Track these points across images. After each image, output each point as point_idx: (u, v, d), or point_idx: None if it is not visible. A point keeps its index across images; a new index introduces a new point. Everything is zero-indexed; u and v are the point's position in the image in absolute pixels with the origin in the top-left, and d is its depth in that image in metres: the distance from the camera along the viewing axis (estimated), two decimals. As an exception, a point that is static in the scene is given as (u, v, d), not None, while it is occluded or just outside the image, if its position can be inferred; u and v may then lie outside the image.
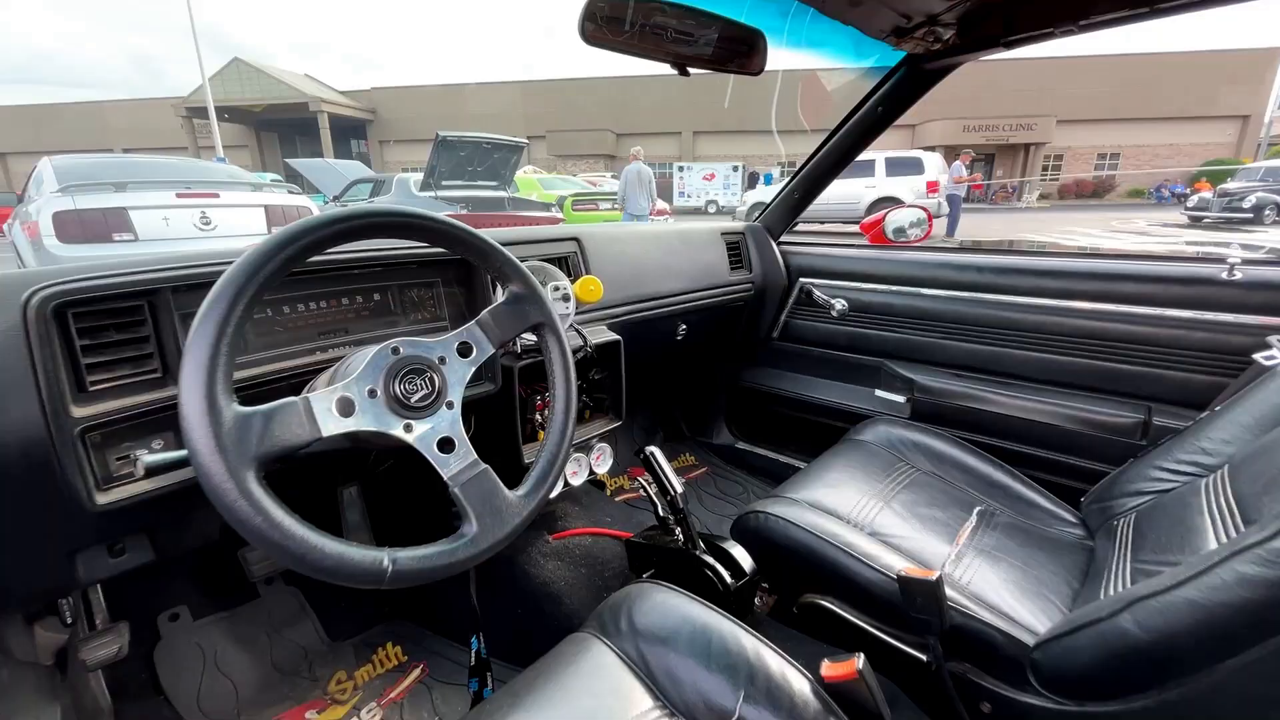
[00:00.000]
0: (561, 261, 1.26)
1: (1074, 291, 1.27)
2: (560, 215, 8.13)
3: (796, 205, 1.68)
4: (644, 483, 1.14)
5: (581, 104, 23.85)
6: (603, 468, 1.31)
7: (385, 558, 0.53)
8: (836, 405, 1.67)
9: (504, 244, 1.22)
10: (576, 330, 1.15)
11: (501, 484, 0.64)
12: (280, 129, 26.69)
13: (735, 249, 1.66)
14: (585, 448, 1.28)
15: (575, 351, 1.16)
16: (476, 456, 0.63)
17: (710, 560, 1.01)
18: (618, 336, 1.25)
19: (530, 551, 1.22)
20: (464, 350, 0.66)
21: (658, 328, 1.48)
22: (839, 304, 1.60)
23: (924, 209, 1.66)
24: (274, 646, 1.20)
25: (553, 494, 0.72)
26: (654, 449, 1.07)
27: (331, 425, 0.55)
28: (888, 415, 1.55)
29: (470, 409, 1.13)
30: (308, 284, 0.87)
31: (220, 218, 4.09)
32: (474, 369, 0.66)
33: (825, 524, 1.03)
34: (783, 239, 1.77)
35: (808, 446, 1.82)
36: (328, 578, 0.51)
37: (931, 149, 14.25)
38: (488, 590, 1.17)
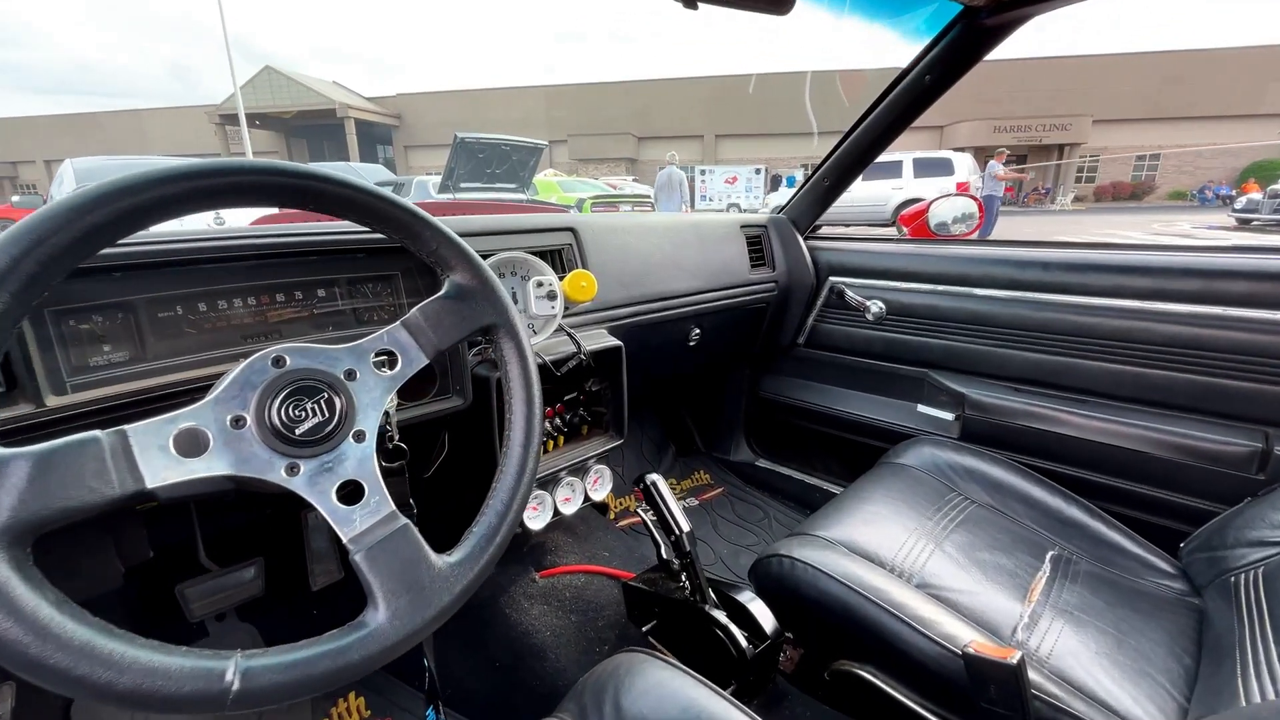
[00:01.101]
0: (554, 255, 1.09)
1: (1168, 292, 1.05)
2: (578, 217, 7.97)
3: (826, 195, 1.48)
4: (644, 516, 0.96)
5: (604, 108, 23.85)
6: (600, 493, 1.13)
7: (230, 668, 0.36)
8: (872, 422, 1.47)
9: (489, 233, 1.07)
10: (568, 334, 0.98)
11: (426, 546, 0.47)
12: (309, 135, 27.23)
13: (757, 244, 1.48)
14: (581, 470, 1.11)
15: (567, 360, 0.99)
16: (394, 508, 0.46)
17: (723, 619, 0.82)
18: (618, 342, 1.08)
19: (513, 592, 1.04)
20: (385, 361, 0.49)
21: (666, 332, 1.30)
22: (875, 306, 1.40)
23: (974, 198, 1.45)
24: (221, 694, 1.04)
25: (486, 563, 0.50)
26: (655, 478, 0.89)
27: (165, 472, 0.38)
28: (933, 435, 1.34)
29: (441, 426, 0.97)
30: (231, 274, 0.71)
31: (235, 218, 4.05)
32: (400, 385, 0.49)
33: (865, 575, 0.84)
34: (810, 233, 1.58)
35: (838, 467, 1.61)
36: (129, 707, 0.34)
37: (960, 150, 13.82)
38: (457, 640, 1.00)
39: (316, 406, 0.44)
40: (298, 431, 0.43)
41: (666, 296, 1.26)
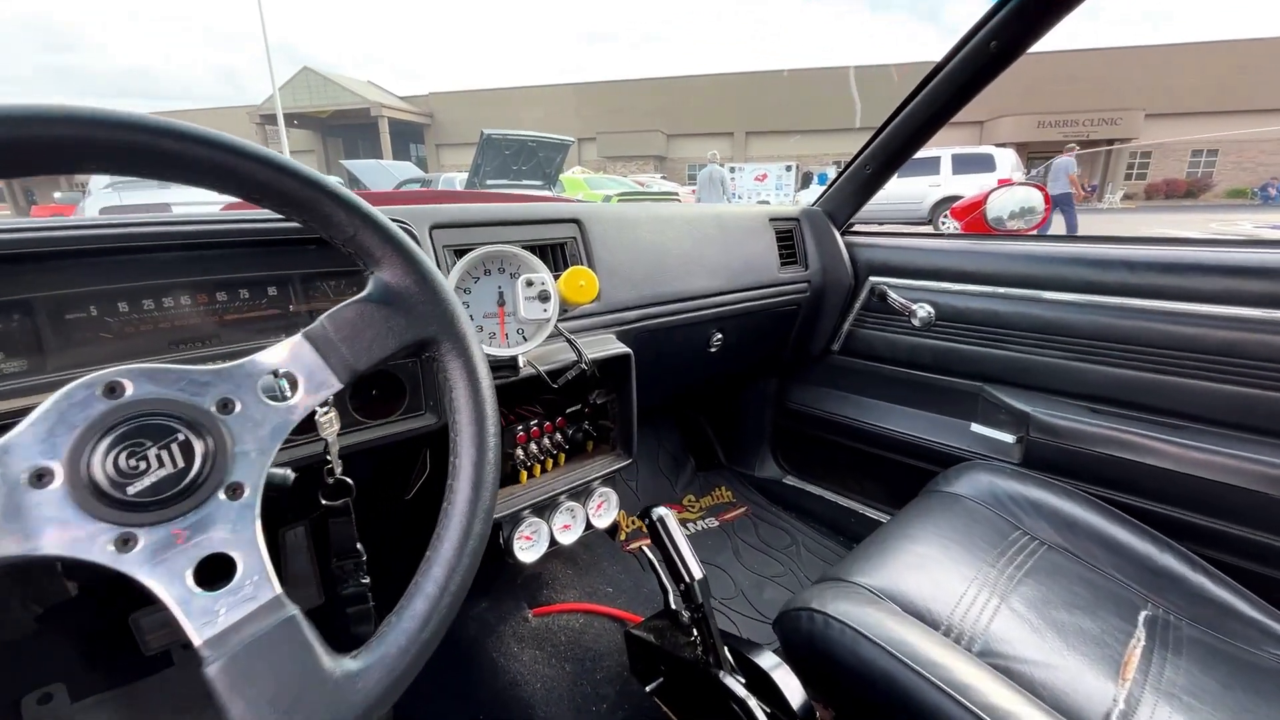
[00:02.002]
0: (555, 250, 0.96)
1: None
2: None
3: (867, 185, 1.32)
4: (651, 555, 0.82)
5: (633, 105, 23.75)
6: (605, 519, 1.00)
7: None
8: (916, 441, 1.30)
9: (480, 223, 0.94)
10: (567, 340, 0.85)
11: (320, 647, 0.34)
12: (345, 134, 27.80)
13: (787, 239, 1.32)
14: (583, 493, 0.98)
15: (566, 370, 0.86)
16: (278, 592, 0.33)
17: (740, 690, 0.68)
18: (627, 349, 0.94)
19: (502, 632, 0.92)
20: (277, 388, 0.36)
21: (684, 337, 1.16)
22: (922, 310, 1.23)
23: (1040, 187, 1.27)
24: (183, 732, 0.94)
25: (406, 671, 0.37)
26: (664, 513, 0.75)
27: None
28: (988, 459, 1.17)
29: (421, 444, 0.85)
30: (158, 268, 0.60)
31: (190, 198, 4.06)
32: (300, 419, 0.36)
33: (917, 642, 0.68)
34: (848, 228, 1.41)
35: (876, 489, 1.45)
36: None
37: (1003, 146, 13.26)
38: (433, 684, 0.87)
39: (165, 454, 0.31)
40: (131, 490, 0.31)
41: (684, 297, 1.12)
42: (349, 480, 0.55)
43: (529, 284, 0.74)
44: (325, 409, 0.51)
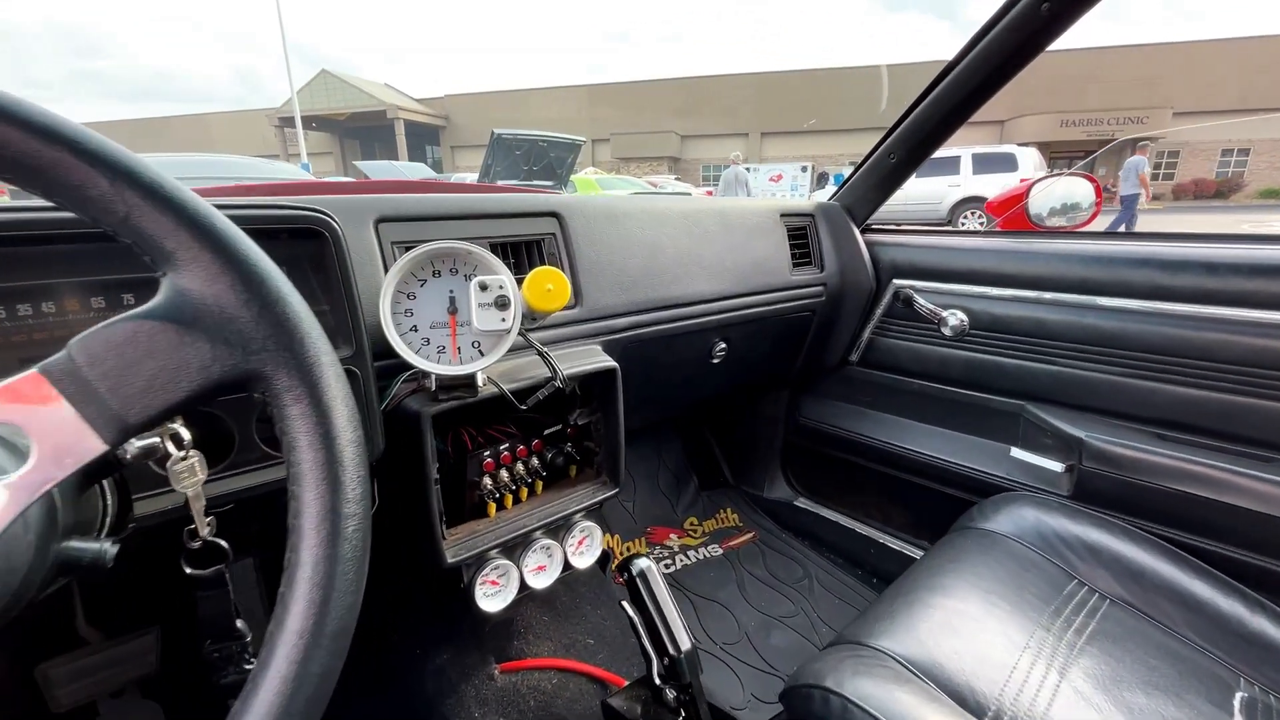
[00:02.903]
0: (529, 248, 0.83)
1: None
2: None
3: (892, 176, 1.17)
4: (631, 614, 0.68)
5: (647, 106, 23.66)
6: (586, 559, 0.87)
7: None
8: (946, 465, 1.15)
9: (440, 217, 0.81)
10: (539, 353, 0.72)
11: None
12: (361, 136, 28.05)
13: (801, 237, 1.18)
14: (562, 527, 0.84)
15: (536, 388, 0.73)
16: None
17: (735, 800, 0.54)
18: (613, 363, 0.81)
19: (463, 692, 0.79)
20: None
21: (682, 347, 1.03)
22: (954, 317, 1.09)
23: (1089, 178, 1.11)
24: (101, 800, 0.82)
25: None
26: (645, 566, 0.62)
27: None
28: (1033, 490, 1.02)
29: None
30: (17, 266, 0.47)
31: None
32: (27, 505, 0.23)
33: None
34: (870, 225, 1.27)
35: (900, 517, 1.30)
36: None
37: (1025, 146, 12.93)
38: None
39: None
40: None
41: (682, 302, 0.98)
42: (222, 543, 0.42)
43: (483, 288, 0.61)
44: (182, 454, 0.38)
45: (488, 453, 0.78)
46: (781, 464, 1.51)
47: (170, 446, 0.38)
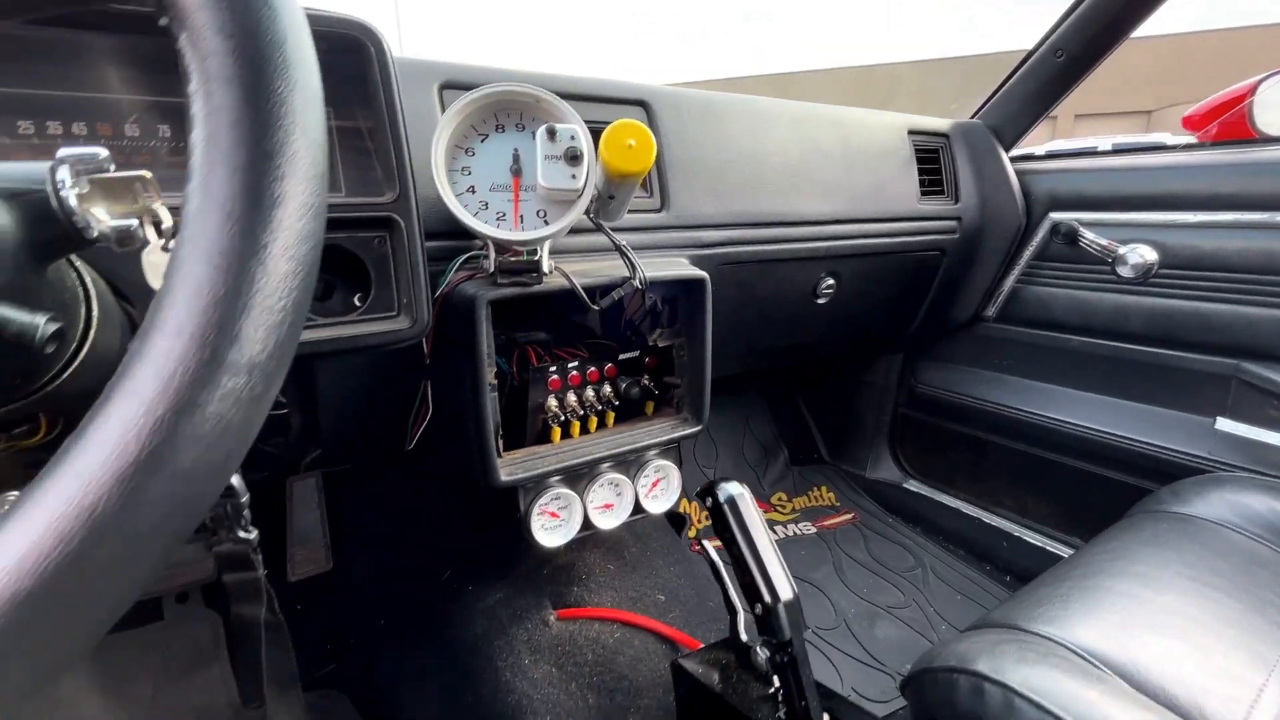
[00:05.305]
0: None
1: None
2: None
3: (1060, 79, 0.95)
4: (713, 554, 0.55)
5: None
6: (660, 504, 0.74)
7: None
8: (1117, 442, 0.92)
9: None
10: (616, 246, 0.61)
11: None
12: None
13: (932, 160, 0.99)
14: (635, 464, 0.73)
15: (613, 287, 0.62)
16: None
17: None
18: (702, 273, 0.69)
19: (514, 635, 0.69)
20: None
21: (784, 277, 0.88)
22: (1135, 254, 0.86)
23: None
24: (158, 700, 0.81)
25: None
26: (735, 491, 0.49)
27: None
28: (1247, 471, 0.78)
29: (405, 366, 0.65)
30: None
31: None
32: None
33: None
34: (1020, 149, 1.05)
35: (1046, 509, 1.07)
36: None
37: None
38: (434, 687, 0.66)
39: None
40: None
41: (785, 220, 0.84)
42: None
43: (551, 135, 0.50)
44: (162, 243, 0.30)
45: (554, 369, 0.68)
46: (890, 440, 1.31)
47: (149, 233, 0.30)
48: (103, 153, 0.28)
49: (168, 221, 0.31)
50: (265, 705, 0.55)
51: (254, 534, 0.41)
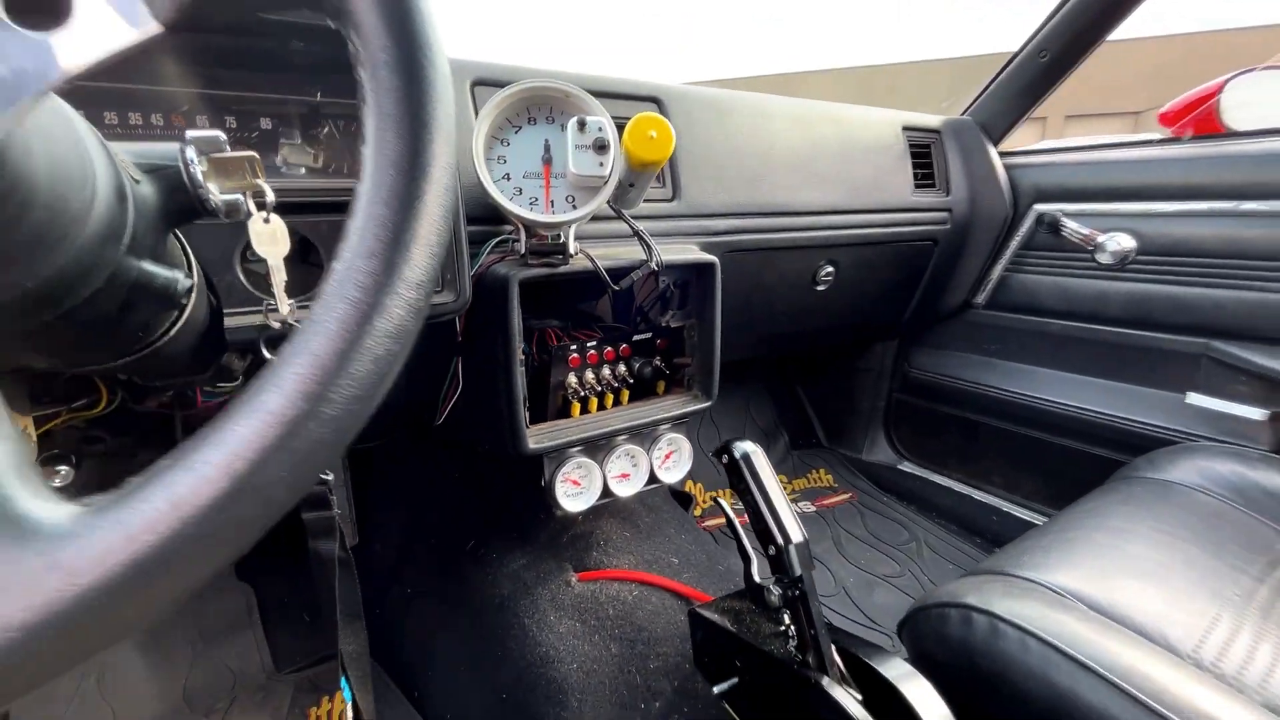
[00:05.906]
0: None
1: None
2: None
3: (1043, 78, 1.01)
4: (727, 509, 0.61)
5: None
6: (673, 474, 0.80)
7: None
8: (1096, 418, 0.98)
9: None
10: (634, 231, 0.66)
11: (34, 475, 0.16)
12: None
13: (924, 155, 1.05)
14: (649, 437, 0.78)
15: (631, 269, 0.67)
16: None
17: (853, 707, 0.45)
18: (712, 258, 0.74)
19: (538, 595, 0.74)
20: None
21: (786, 264, 0.94)
22: (1114, 241, 0.92)
23: (1307, 73, 0.91)
24: (195, 665, 0.86)
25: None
26: (749, 449, 0.54)
27: None
28: (1215, 441, 0.84)
29: (441, 344, 0.69)
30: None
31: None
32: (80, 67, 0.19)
33: (1150, 669, 0.42)
34: (1007, 143, 1.11)
35: (1031, 484, 1.13)
36: None
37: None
38: (466, 648, 0.71)
39: None
40: None
41: (788, 210, 0.89)
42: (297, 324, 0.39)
43: (581, 127, 0.55)
44: (264, 215, 0.36)
45: (574, 347, 0.73)
46: (885, 423, 1.37)
47: (251, 205, 0.35)
48: (221, 136, 0.33)
49: (270, 196, 0.36)
50: (337, 631, 0.60)
51: (330, 475, 0.46)
